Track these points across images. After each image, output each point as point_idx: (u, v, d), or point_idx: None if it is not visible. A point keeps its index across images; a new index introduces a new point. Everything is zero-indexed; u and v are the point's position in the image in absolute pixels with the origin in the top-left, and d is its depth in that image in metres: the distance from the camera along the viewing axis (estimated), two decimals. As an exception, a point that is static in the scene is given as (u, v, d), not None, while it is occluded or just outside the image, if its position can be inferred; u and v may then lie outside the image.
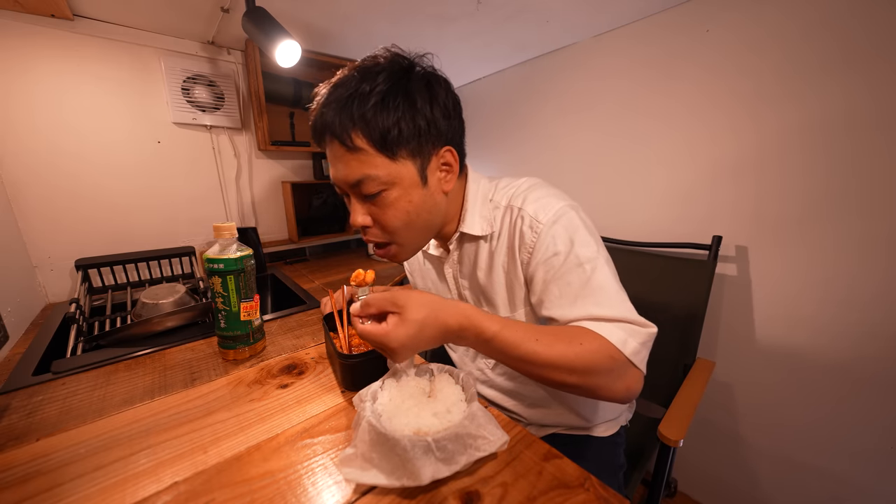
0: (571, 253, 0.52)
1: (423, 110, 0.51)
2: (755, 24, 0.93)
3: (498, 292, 0.63)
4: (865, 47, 0.79)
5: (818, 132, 0.87)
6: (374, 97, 0.49)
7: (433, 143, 0.54)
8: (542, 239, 0.54)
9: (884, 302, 0.83)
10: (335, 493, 0.40)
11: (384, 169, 0.51)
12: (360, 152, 0.50)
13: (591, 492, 0.41)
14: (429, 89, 0.52)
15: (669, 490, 1.23)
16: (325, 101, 0.52)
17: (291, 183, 1.43)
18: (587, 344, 0.45)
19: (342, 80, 0.52)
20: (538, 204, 0.56)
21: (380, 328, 0.44)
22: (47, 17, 0.95)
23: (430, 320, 0.44)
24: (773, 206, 0.95)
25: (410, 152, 0.52)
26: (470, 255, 0.65)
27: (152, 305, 0.86)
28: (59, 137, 1.02)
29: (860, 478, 0.90)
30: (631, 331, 0.47)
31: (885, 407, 0.85)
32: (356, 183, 0.52)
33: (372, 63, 0.52)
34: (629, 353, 0.46)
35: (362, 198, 0.54)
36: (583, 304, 0.50)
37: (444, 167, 0.57)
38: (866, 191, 0.82)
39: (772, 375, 1.01)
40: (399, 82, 0.51)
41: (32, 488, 0.41)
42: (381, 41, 0.55)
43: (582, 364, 0.44)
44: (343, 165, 0.52)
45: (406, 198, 0.54)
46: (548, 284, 0.53)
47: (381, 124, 0.49)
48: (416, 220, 0.56)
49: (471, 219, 0.62)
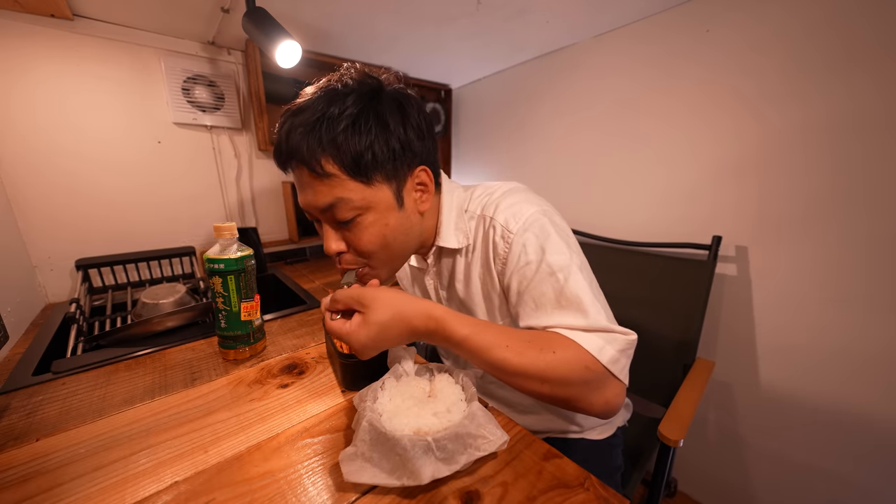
0: (543, 261, 0.50)
1: (396, 132, 0.50)
2: (758, 23, 0.93)
3: (477, 304, 0.62)
4: (872, 45, 0.79)
5: (821, 132, 0.86)
6: (345, 120, 0.47)
7: (408, 164, 0.52)
8: (513, 248, 0.53)
9: (884, 301, 0.83)
10: (335, 493, 0.40)
11: (358, 194, 0.49)
12: (332, 178, 0.48)
13: (591, 491, 0.41)
14: (400, 110, 0.51)
15: (669, 490, 1.23)
16: (290, 126, 0.48)
17: (292, 183, 1.43)
18: (560, 352, 0.43)
19: (307, 104, 0.48)
20: (509, 212, 0.55)
21: (343, 327, 0.44)
22: (47, 17, 0.95)
23: (395, 321, 0.44)
24: (774, 207, 0.95)
25: (385, 176, 0.50)
26: (448, 268, 0.65)
27: (152, 305, 0.86)
28: (59, 137, 1.02)
29: (861, 479, 0.90)
30: (609, 338, 0.45)
31: (886, 408, 0.85)
32: (327, 208, 0.50)
33: (339, 84, 0.49)
34: (606, 361, 0.43)
35: (335, 224, 0.52)
36: (558, 314, 0.48)
37: (419, 187, 0.56)
38: (868, 190, 0.82)
39: (772, 375, 1.01)
40: (370, 104, 0.49)
41: (32, 488, 0.41)
42: (382, 41, 0.55)
43: (554, 374, 0.42)
44: (312, 192, 0.50)
45: (382, 221, 0.52)
46: (521, 295, 0.52)
47: (353, 148, 0.47)
48: (392, 244, 0.54)
49: (446, 232, 0.60)
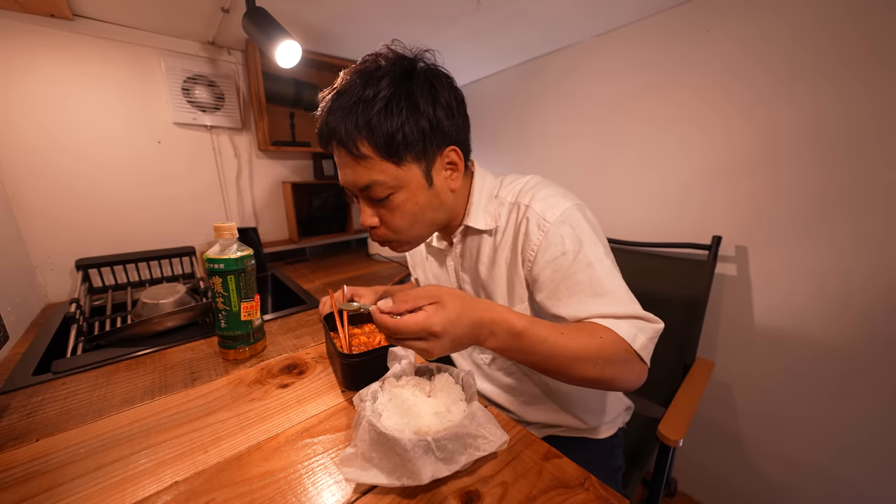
0: (580, 253, 0.53)
1: (426, 112, 0.51)
2: (757, 24, 0.93)
3: (498, 287, 0.63)
4: (860, 49, 0.79)
5: (831, 129, 0.86)
6: (378, 103, 0.49)
7: (437, 143, 0.54)
8: (549, 238, 0.54)
9: (883, 301, 0.83)
10: (335, 493, 0.40)
11: (391, 174, 0.52)
12: (367, 159, 0.51)
13: (591, 491, 0.41)
14: (431, 89, 0.52)
15: (669, 490, 1.23)
16: (330, 109, 0.52)
17: (292, 183, 1.43)
18: (605, 337, 0.47)
19: (345, 87, 0.51)
20: (546, 203, 0.56)
21: (419, 315, 0.41)
22: (47, 17, 0.95)
23: (466, 311, 0.43)
24: (774, 207, 0.95)
25: (415, 156, 0.52)
26: (472, 250, 0.66)
27: (152, 305, 0.86)
28: (59, 137, 1.02)
29: (861, 478, 0.90)
30: (640, 326, 0.49)
31: (886, 407, 0.85)
32: (364, 188, 0.53)
33: (374, 66, 0.52)
34: (638, 347, 0.48)
35: (370, 201, 0.56)
36: (593, 303, 0.51)
37: (448, 166, 0.57)
38: (867, 190, 0.83)
39: (772, 375, 1.01)
40: (402, 85, 0.50)
41: (32, 488, 0.41)
42: (382, 41, 0.55)
43: (603, 355, 0.46)
44: (351, 171, 0.54)
45: (412, 200, 0.55)
46: (557, 284, 0.54)
47: (385, 130, 0.49)
48: (421, 220, 0.57)
49: (475, 213, 0.62)
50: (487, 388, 0.74)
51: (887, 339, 0.83)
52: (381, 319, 0.41)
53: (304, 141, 1.45)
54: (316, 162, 1.53)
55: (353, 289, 0.77)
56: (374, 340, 0.66)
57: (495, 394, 0.73)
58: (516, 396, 0.72)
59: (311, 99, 1.41)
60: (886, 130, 0.79)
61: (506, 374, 0.71)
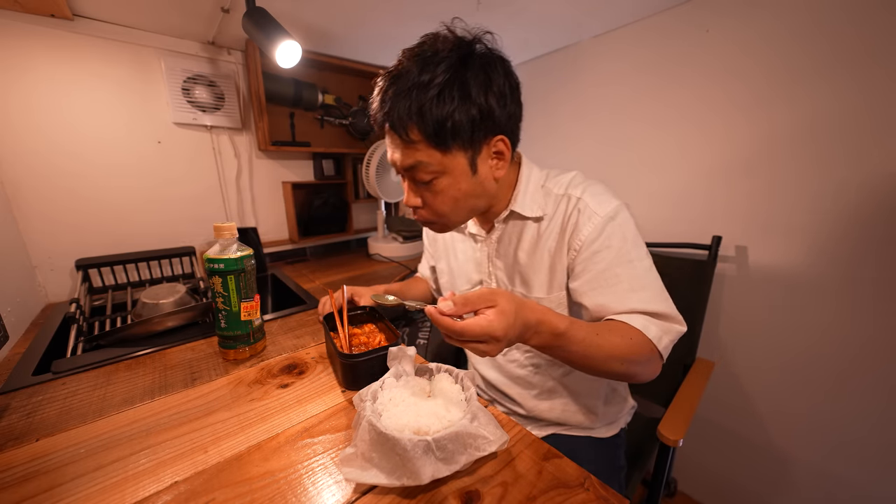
0: (624, 248, 0.56)
1: (477, 100, 0.51)
2: (755, 25, 0.93)
3: (537, 273, 0.65)
4: (857, 49, 0.79)
5: (829, 129, 0.86)
6: (433, 90, 0.50)
7: (486, 132, 0.54)
8: (598, 230, 0.57)
9: (883, 301, 0.83)
10: (335, 493, 0.40)
11: (436, 159, 0.54)
12: (415, 144, 0.53)
13: (591, 491, 0.41)
14: (486, 76, 0.52)
15: (669, 490, 1.23)
16: (385, 92, 0.53)
17: (292, 183, 1.43)
18: (635, 338, 0.51)
19: (401, 71, 0.52)
20: (598, 198, 0.59)
21: (482, 319, 0.42)
22: (47, 16, 0.95)
23: (519, 313, 0.44)
24: (774, 206, 0.95)
25: (462, 144, 0.53)
26: (513, 236, 0.67)
27: (152, 305, 0.86)
28: (59, 137, 1.02)
29: (861, 478, 0.90)
30: (666, 329, 0.53)
31: (885, 407, 0.85)
32: (409, 168, 0.56)
33: (432, 51, 0.52)
34: (662, 348, 0.52)
35: (415, 182, 0.58)
36: (630, 297, 0.54)
37: (495, 155, 0.58)
38: (868, 190, 0.83)
39: (771, 375, 1.01)
40: (457, 72, 0.51)
41: (32, 488, 0.41)
42: (381, 41, 0.56)
43: (631, 356, 0.51)
44: (398, 152, 0.56)
45: (455, 186, 0.56)
46: (598, 274, 0.57)
47: (436, 118, 0.50)
48: (462, 206, 0.59)
49: (522, 201, 0.64)
50: (499, 379, 0.75)
51: (885, 337, 0.83)
52: (444, 322, 0.43)
53: (304, 141, 1.45)
54: (316, 162, 1.53)
55: (353, 289, 0.77)
56: (374, 340, 0.66)
57: (506, 385, 0.74)
58: (527, 389, 0.72)
59: (311, 99, 1.41)
60: (884, 130, 0.79)
61: (519, 367, 0.71)
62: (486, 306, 0.43)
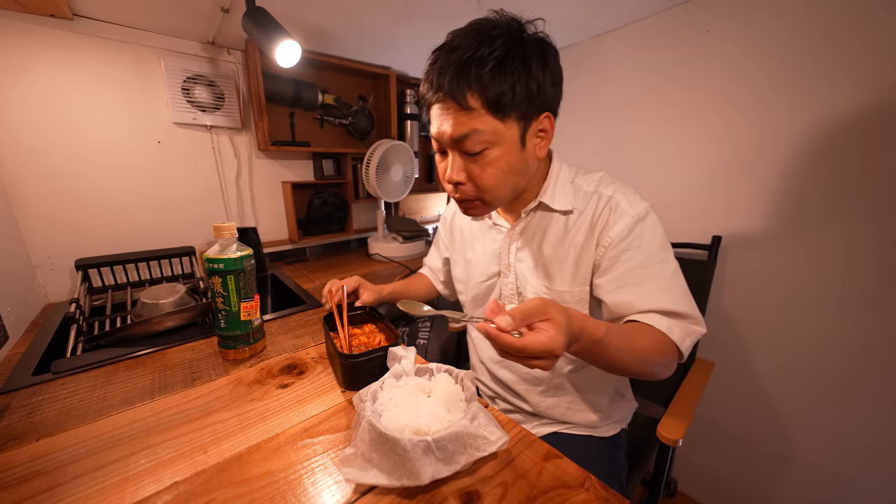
0: (652, 250, 0.58)
1: (536, 75, 0.53)
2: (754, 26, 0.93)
3: (561, 267, 0.65)
4: (855, 49, 0.79)
5: (828, 129, 0.87)
6: (493, 61, 0.50)
7: (537, 108, 0.55)
8: (629, 230, 0.58)
9: (883, 301, 0.83)
10: (335, 493, 0.40)
11: (491, 127, 0.53)
12: (472, 111, 0.52)
13: (591, 491, 0.41)
14: (542, 55, 0.54)
15: (669, 490, 1.23)
16: (442, 63, 0.53)
17: (292, 183, 1.43)
18: (661, 341, 0.53)
19: (458, 44, 0.52)
20: (630, 198, 0.61)
21: (543, 336, 0.40)
22: (47, 16, 0.95)
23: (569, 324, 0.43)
24: (773, 206, 0.95)
25: (518, 115, 0.54)
26: (539, 228, 0.67)
27: (152, 305, 0.86)
28: (58, 137, 1.02)
29: (861, 478, 0.90)
30: (689, 331, 0.55)
31: (885, 407, 0.85)
32: (461, 138, 0.54)
33: (488, 26, 0.53)
34: (683, 349, 0.55)
35: (463, 155, 0.57)
36: (657, 296, 0.56)
37: (540, 133, 0.58)
38: (867, 190, 0.83)
39: (772, 375, 1.01)
40: (515, 46, 0.52)
41: (32, 488, 0.41)
42: (382, 41, 0.56)
43: (658, 356, 0.53)
44: (452, 121, 0.54)
45: (505, 158, 0.56)
46: (626, 272, 0.58)
47: (497, 87, 0.51)
48: (508, 181, 0.59)
49: (552, 193, 0.64)
50: (507, 375, 0.75)
51: (890, 338, 0.83)
52: (505, 340, 0.40)
53: (304, 141, 1.45)
54: (316, 162, 1.53)
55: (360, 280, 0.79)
56: (374, 340, 0.66)
57: (514, 381, 0.74)
58: (535, 385, 0.72)
59: (311, 99, 1.41)
60: (883, 129, 0.79)
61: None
62: (540, 319, 0.42)
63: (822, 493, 0.96)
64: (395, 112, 1.61)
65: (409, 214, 1.92)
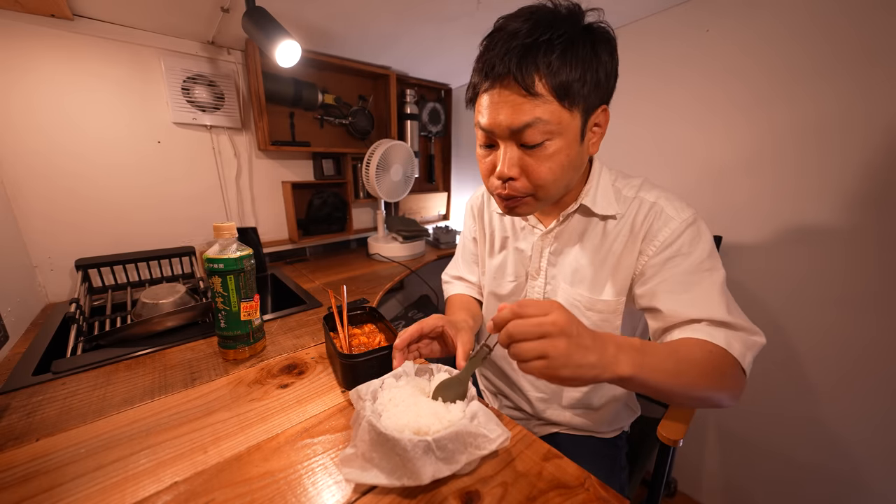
0: (700, 256, 0.54)
1: (605, 64, 0.50)
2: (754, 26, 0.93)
3: (596, 273, 0.62)
4: (856, 49, 0.79)
5: (829, 129, 0.86)
6: (559, 47, 0.47)
7: (600, 99, 0.53)
8: (676, 236, 0.55)
9: (882, 301, 0.83)
10: (335, 493, 0.40)
11: (556, 116, 0.49)
12: (538, 97, 0.48)
13: (591, 492, 0.41)
14: (608, 44, 0.51)
15: (669, 490, 1.23)
16: (503, 49, 0.49)
17: (291, 183, 1.43)
18: (718, 355, 0.48)
19: (517, 28, 0.49)
20: (674, 204, 0.58)
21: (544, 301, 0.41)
22: (47, 17, 0.95)
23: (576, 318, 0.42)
24: (773, 206, 0.95)
25: (583, 106, 0.51)
26: (575, 231, 0.64)
27: (152, 305, 0.86)
28: (59, 137, 1.02)
29: (862, 477, 0.90)
30: (750, 344, 0.50)
31: (886, 406, 0.85)
32: (522, 127, 0.49)
33: (548, 10, 0.50)
34: (746, 365, 0.49)
35: (519, 147, 0.52)
36: (705, 305, 0.51)
37: (595, 128, 0.55)
38: (867, 190, 0.83)
39: (772, 375, 1.01)
40: (584, 33, 0.49)
41: (32, 488, 0.41)
42: (382, 41, 0.55)
43: (713, 377, 0.46)
44: (513, 109, 0.49)
45: (565, 151, 0.52)
46: (674, 278, 0.54)
47: (567, 73, 0.48)
48: (564, 177, 0.55)
49: (594, 194, 0.61)
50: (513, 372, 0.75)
51: (890, 338, 0.83)
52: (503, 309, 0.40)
53: (304, 141, 1.45)
54: (316, 162, 1.53)
55: (445, 320, 0.63)
56: (374, 340, 0.66)
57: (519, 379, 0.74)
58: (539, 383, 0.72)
59: (311, 98, 1.41)
60: (883, 129, 0.79)
61: None
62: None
63: (823, 493, 0.96)
64: (395, 112, 1.62)
65: (409, 214, 1.92)
